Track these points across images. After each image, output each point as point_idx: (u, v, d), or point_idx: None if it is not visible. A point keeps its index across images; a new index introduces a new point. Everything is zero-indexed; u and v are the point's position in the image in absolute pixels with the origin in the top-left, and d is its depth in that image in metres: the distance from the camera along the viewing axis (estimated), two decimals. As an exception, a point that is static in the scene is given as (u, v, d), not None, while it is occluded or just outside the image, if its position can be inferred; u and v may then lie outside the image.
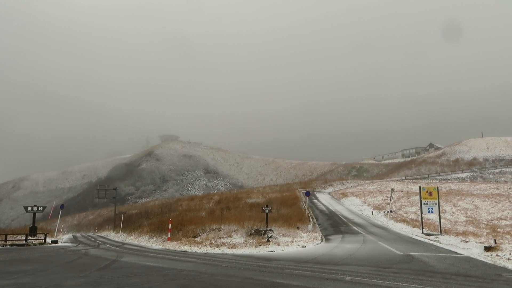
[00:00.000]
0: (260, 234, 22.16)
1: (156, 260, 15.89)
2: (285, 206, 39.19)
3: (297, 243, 19.96)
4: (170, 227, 26.21)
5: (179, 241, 24.41)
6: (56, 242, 29.88)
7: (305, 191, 44.70)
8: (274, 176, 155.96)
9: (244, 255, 16.91)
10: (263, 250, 18.36)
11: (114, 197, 58.12)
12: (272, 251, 17.93)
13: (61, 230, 43.00)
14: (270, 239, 20.87)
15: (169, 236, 26.04)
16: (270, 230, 22.92)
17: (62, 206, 43.17)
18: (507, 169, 71.88)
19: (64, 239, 37.25)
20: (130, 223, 46.23)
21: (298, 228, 25.68)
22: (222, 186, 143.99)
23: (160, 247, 24.58)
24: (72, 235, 48.93)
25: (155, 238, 29.17)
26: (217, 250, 19.61)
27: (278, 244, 19.78)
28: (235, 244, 20.77)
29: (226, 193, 74.12)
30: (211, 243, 21.73)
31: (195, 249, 20.99)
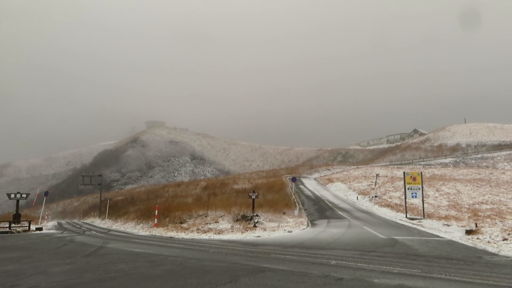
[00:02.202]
0: (246, 220, 22.28)
1: (142, 246, 15.88)
2: (272, 192, 39.42)
3: (284, 228, 20.14)
4: (156, 213, 26.17)
5: (166, 227, 24.40)
6: (40, 229, 29.58)
7: (291, 177, 45.01)
8: (260, 162, 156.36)
9: (231, 241, 17.01)
10: (250, 236, 18.48)
11: (99, 183, 57.61)
12: (258, 236, 18.06)
13: (46, 217, 42.55)
14: (256, 225, 21.00)
15: (155, 222, 26.01)
16: (257, 215, 23.06)
17: (46, 193, 42.67)
18: (489, 155, 73.34)
19: (48, 226, 36.89)
20: (116, 210, 46.01)
21: (284, 213, 25.88)
22: (208, 172, 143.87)
23: (147, 233, 24.56)
24: (57, 222, 48.49)
25: (141, 225, 29.12)
26: (204, 236, 19.67)
27: (265, 229, 19.93)
28: (222, 229, 20.86)
29: (213, 179, 74.11)
30: (198, 229, 21.78)
31: (182, 235, 21.02)
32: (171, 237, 20.43)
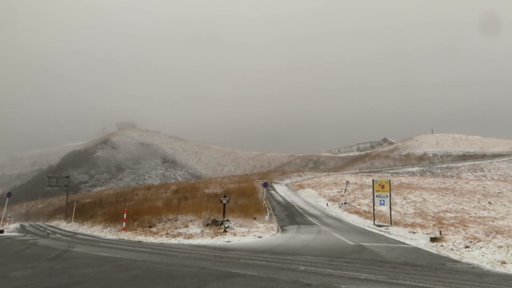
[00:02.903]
0: (217, 225, 22.15)
1: (109, 250, 15.53)
2: (243, 197, 39.36)
3: (254, 234, 20.12)
4: (125, 217, 25.66)
5: (134, 231, 23.96)
6: (1, 231, 28.49)
7: (263, 182, 45.12)
8: (233, 166, 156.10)
9: (201, 245, 16.87)
10: (220, 240, 18.38)
11: (66, 185, 55.97)
12: (228, 241, 17.98)
13: (8, 219, 40.99)
14: (227, 230, 20.91)
15: (124, 226, 25.49)
16: (227, 220, 22.97)
17: (9, 194, 41.04)
18: (454, 165, 75.80)
19: (10, 228, 35.54)
20: (83, 213, 44.79)
21: (255, 218, 25.88)
22: (180, 176, 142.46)
23: (114, 237, 24.03)
24: (20, 225, 46.78)
25: (109, 228, 28.47)
26: (173, 240, 19.43)
27: (235, 235, 19.86)
28: (192, 234, 20.66)
29: (184, 183, 73.38)
30: (167, 233, 21.49)
31: (150, 239, 20.69)
32: (139, 241, 20.08)
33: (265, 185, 40.27)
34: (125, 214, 25.74)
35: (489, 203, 32.97)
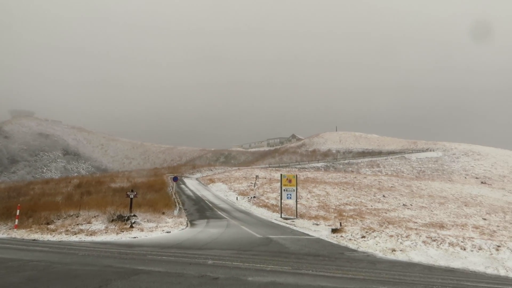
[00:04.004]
0: (123, 220, 21.26)
1: (-2, 250, 14.05)
2: (152, 191, 38.28)
3: (162, 229, 19.70)
4: (18, 213, 23.41)
5: (29, 229, 21.96)
6: None
7: (173, 176, 44.29)
8: (141, 160, 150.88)
9: (105, 242, 16.05)
10: (126, 237, 17.68)
11: None
12: (135, 237, 17.38)
13: None
14: (133, 225, 20.17)
15: (16, 223, 23.25)
16: (134, 215, 22.16)
17: None
18: (354, 161, 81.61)
19: None
20: (-34, 209, 39.94)
21: (163, 213, 25.33)
22: (83, 169, 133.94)
23: (5, 235, 21.79)
24: None
25: (-2, 226, 25.75)
26: (74, 238, 18.22)
27: (142, 230, 19.25)
28: (95, 230, 19.56)
29: (88, 176, 69.10)
30: (67, 230, 20.07)
31: (47, 237, 19.16)
32: (34, 240, 18.49)
33: (175, 179, 39.58)
34: (18, 211, 23.48)
35: (383, 196, 36.10)
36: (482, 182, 58.24)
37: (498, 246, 12.74)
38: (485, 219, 27.07)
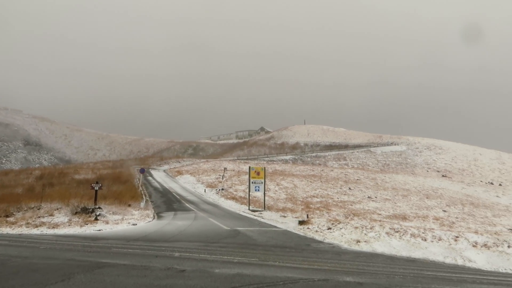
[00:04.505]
0: (87, 213, 20.74)
1: (-47, 244, 13.41)
2: (118, 183, 37.50)
3: (128, 221, 19.38)
4: (-26, 206, 22.41)
5: (-14, 222, 21.09)
6: None
7: (139, 168, 43.59)
8: (107, 151, 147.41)
9: (68, 235, 15.63)
10: (90, 229, 17.28)
11: None
12: (100, 230, 17.01)
13: None
14: (98, 218, 19.74)
15: (-28, 216, 22.25)
16: (99, 208, 21.67)
17: None
18: (322, 154, 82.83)
19: None
20: None
21: (130, 205, 24.91)
22: (45, 160, 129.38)
23: (-40, 229, 20.85)
24: None
25: (-47, 219, 24.57)
26: (35, 231, 17.64)
27: (107, 223, 18.87)
28: (58, 223, 19.00)
29: (50, 168, 66.88)
30: (28, 223, 19.39)
31: (6, 230, 18.44)
32: (-8, 233, 17.76)
33: (142, 171, 38.98)
34: (-26, 203, 22.48)
35: (349, 188, 36.89)
36: (443, 175, 60.53)
37: (457, 237, 13.30)
38: (445, 211, 28.18)
